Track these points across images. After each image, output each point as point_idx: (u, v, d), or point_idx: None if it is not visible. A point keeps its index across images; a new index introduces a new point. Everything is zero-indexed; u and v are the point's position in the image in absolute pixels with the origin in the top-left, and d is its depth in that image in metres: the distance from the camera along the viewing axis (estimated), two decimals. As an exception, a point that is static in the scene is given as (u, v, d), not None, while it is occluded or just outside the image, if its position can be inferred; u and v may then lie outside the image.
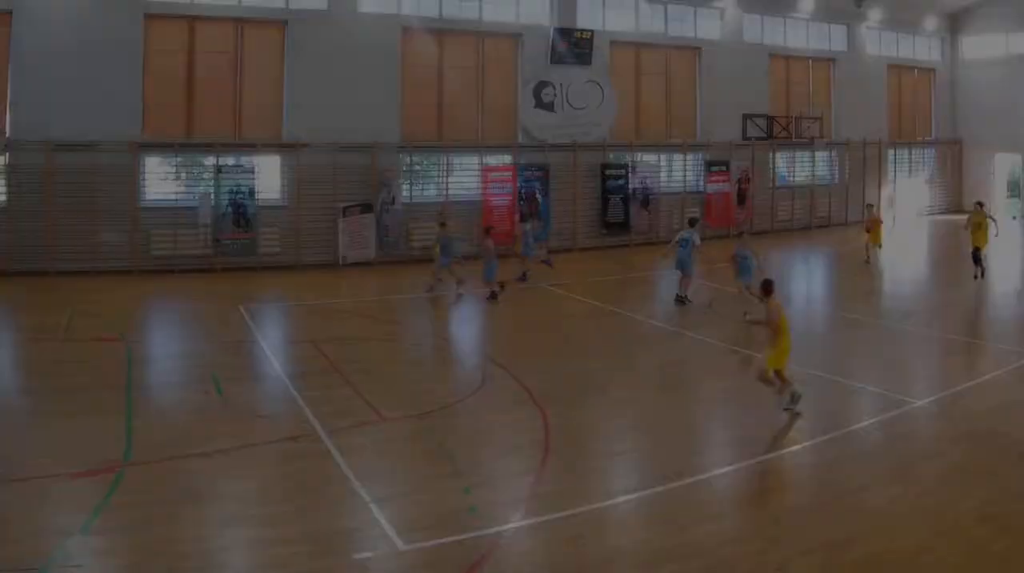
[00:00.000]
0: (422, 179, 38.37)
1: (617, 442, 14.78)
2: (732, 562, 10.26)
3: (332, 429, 14.70)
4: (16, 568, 9.77)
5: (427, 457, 13.79)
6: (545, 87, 39.40)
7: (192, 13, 33.40)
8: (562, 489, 12.41)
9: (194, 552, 10.41)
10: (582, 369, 19.20)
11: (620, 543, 10.94)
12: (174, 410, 16.10)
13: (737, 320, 22.74)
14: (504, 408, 16.32)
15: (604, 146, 40.72)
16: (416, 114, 37.17)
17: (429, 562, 10.37)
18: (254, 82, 34.68)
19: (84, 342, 20.64)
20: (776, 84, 46.36)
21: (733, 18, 44.57)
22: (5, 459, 13.00)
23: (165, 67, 33.19)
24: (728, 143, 43.81)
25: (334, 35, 35.08)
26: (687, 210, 42.19)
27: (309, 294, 28.55)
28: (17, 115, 30.83)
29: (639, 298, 29.14)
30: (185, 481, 12.50)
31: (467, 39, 38.42)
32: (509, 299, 26.58)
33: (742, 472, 13.17)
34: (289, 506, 11.72)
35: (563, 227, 39.59)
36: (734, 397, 17.23)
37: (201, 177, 34.61)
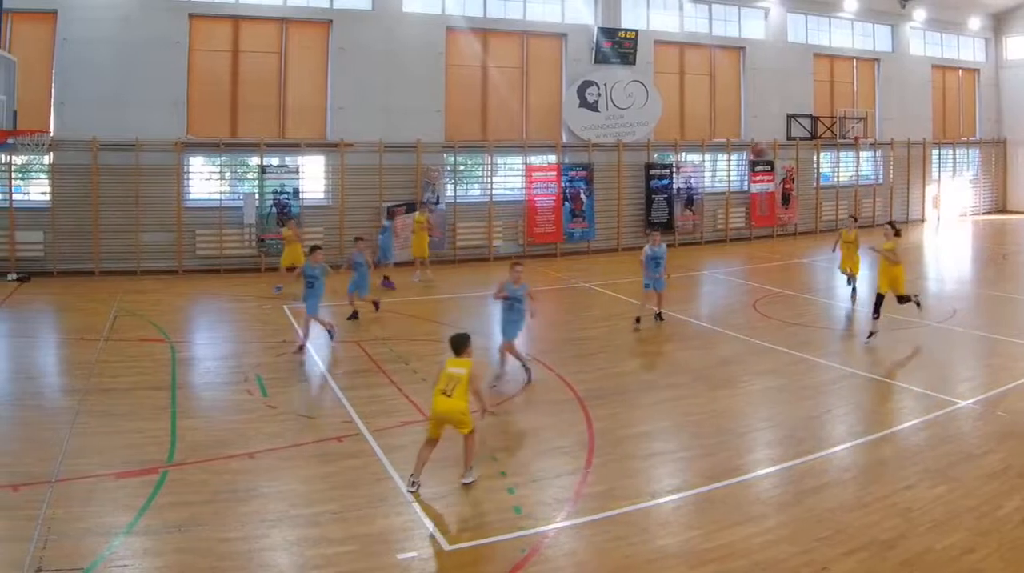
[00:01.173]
0: (466, 179, 37.37)
1: (661, 442, 14.23)
2: (775, 562, 9.93)
3: (376, 429, 14.35)
4: (62, 568, 9.54)
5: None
6: (589, 87, 38.14)
7: (237, 13, 32.51)
8: (606, 489, 12.04)
9: (238, 552, 10.18)
10: (627, 369, 18.76)
11: (663, 543, 10.49)
12: (218, 410, 15.75)
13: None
14: (548, 408, 15.90)
15: (648, 146, 39.42)
16: (460, 114, 36.20)
17: (473, 562, 10.14)
18: (298, 82, 33.71)
19: (129, 342, 20.00)
20: (820, 84, 44.81)
21: (777, 17, 43.02)
22: (50, 459, 12.69)
23: (210, 67, 32.37)
24: (772, 142, 42.39)
25: (378, 35, 34.15)
26: (732, 210, 41.37)
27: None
28: (62, 115, 30.03)
29: (683, 298, 27.36)
30: (229, 481, 12.20)
31: (511, 39, 37.28)
32: (551, 298, 25.37)
33: (786, 472, 12.71)
34: (333, 506, 11.40)
35: (607, 227, 38.39)
36: (778, 397, 16.69)
37: (245, 177, 33.70)
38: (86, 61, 30.04)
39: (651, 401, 16.31)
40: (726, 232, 41.20)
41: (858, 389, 17.03)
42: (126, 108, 30.36)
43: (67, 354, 20.39)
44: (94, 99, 30.01)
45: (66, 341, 21.58)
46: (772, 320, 23.29)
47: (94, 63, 30.10)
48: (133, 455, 12.90)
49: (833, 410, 15.73)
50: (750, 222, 41.91)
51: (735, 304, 25.89)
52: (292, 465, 12.95)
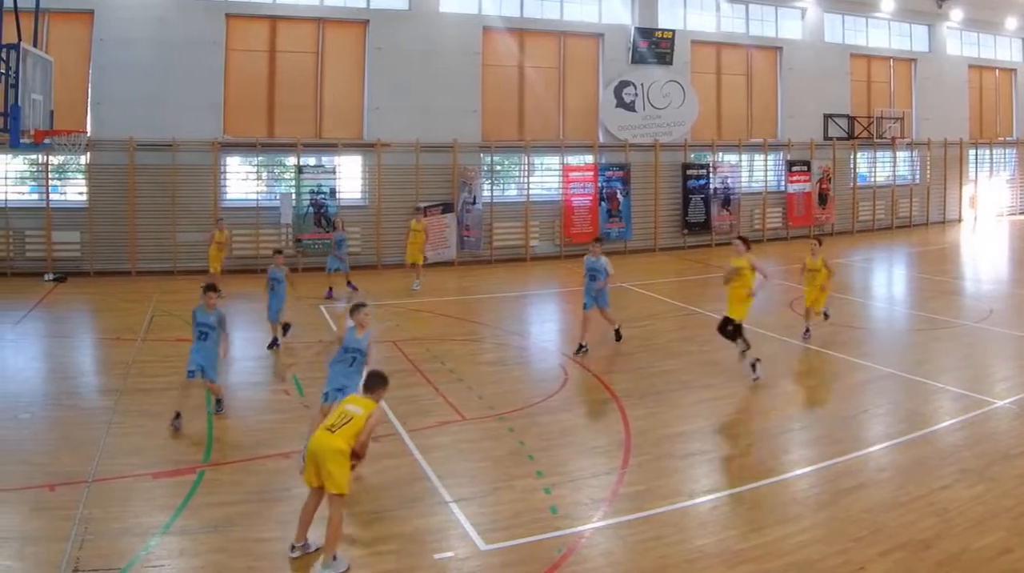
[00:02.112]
0: (503, 179, 36.17)
1: (697, 442, 13.86)
2: (812, 562, 9.74)
3: (413, 429, 14.02)
4: (98, 568, 9.39)
5: (508, 457, 13.06)
6: (626, 87, 36.83)
7: (274, 13, 31.57)
8: (643, 489, 11.81)
9: (274, 552, 9.99)
10: (663, 369, 18.10)
11: (700, 543, 10.27)
12: (255, 410, 15.46)
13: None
14: (585, 408, 15.74)
15: (685, 146, 38.07)
16: (497, 114, 35.02)
17: (510, 562, 9.87)
18: (335, 82, 32.74)
19: (165, 342, 19.41)
20: (857, 84, 43.13)
21: (814, 17, 41.44)
22: (87, 459, 12.45)
23: (247, 67, 31.47)
24: (809, 142, 40.90)
25: (415, 35, 33.10)
26: (769, 210, 39.98)
27: (390, 294, 26.72)
28: (98, 115, 29.25)
29: (720, 298, 26.11)
30: (265, 481, 12.03)
31: (548, 39, 36.04)
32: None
33: (822, 472, 12.43)
34: (370, 506, 11.21)
35: (644, 227, 37.13)
36: (814, 397, 16.46)
37: (282, 177, 32.72)
38: (123, 61, 29.24)
39: (688, 401, 15.87)
40: (763, 232, 39.80)
41: (894, 389, 16.58)
42: (163, 108, 29.56)
43: (104, 354, 19.88)
44: (131, 99, 29.21)
45: (103, 341, 21.02)
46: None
47: (131, 63, 29.29)
48: (170, 455, 12.71)
49: (869, 410, 15.33)
50: (787, 222, 40.56)
51: (771, 304, 24.55)
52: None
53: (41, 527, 10.34)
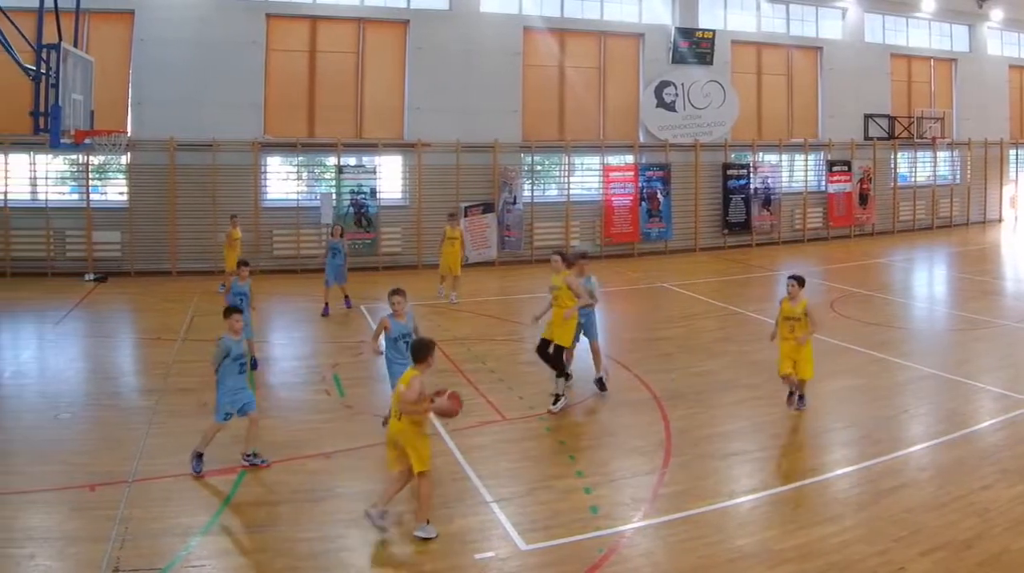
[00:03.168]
0: (543, 179, 34.64)
1: (738, 442, 13.33)
2: (852, 563, 9.37)
3: (454, 429, 13.44)
4: (139, 568, 9.11)
5: (548, 457, 12.78)
6: (667, 87, 35.10)
7: (314, 13, 30.23)
8: (683, 489, 11.42)
9: (316, 552, 9.72)
10: (704, 369, 17.54)
11: (740, 543, 9.91)
12: (295, 411, 14.94)
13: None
14: (626, 408, 15.01)
15: (725, 146, 36.30)
16: (537, 114, 33.43)
17: (550, 562, 9.56)
18: (375, 82, 31.28)
19: (206, 342, 18.19)
20: (898, 84, 41.05)
21: (855, 17, 39.44)
22: (128, 459, 12.13)
23: (287, 67, 30.15)
24: (850, 142, 39.00)
25: (456, 35, 31.66)
26: (810, 210, 38.10)
27: (430, 294, 25.45)
28: (139, 115, 28.05)
29: (761, 298, 25.96)
30: (306, 481, 11.68)
31: (589, 39, 34.38)
32: (628, 298, 23.19)
33: (863, 472, 11.96)
34: (410, 506, 10.64)
35: (684, 227, 35.45)
36: (855, 397, 15.68)
37: (322, 177, 31.38)
38: (163, 61, 28.03)
39: (729, 401, 15.37)
40: (803, 232, 38.01)
41: (935, 389, 16.03)
42: (203, 108, 28.33)
43: (144, 354, 19.29)
44: (171, 99, 28.03)
45: (143, 341, 20.37)
46: (849, 320, 21.74)
47: (171, 63, 28.08)
48: (211, 455, 12.03)
49: (910, 410, 14.87)
50: (827, 222, 38.67)
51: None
52: (369, 465, 12.22)
53: (82, 527, 10.02)
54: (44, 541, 9.72)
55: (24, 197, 27.90)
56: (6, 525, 10.08)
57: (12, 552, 9.43)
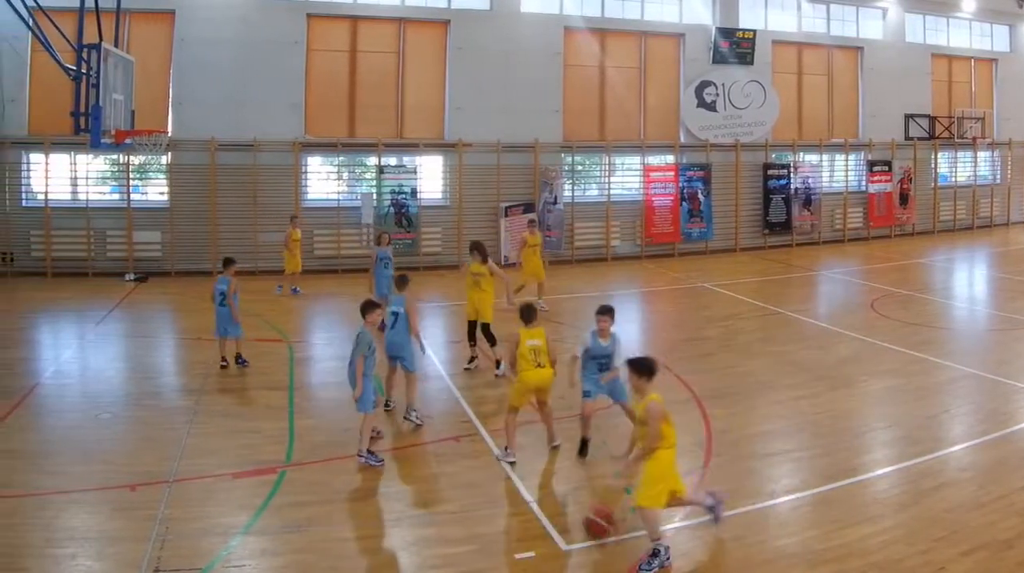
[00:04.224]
0: (584, 179, 32.84)
1: (778, 442, 12.81)
2: (893, 562, 8.99)
3: (494, 429, 12.98)
4: (179, 568, 8.79)
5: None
6: (707, 87, 33.26)
7: (355, 13, 28.70)
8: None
9: (356, 552, 9.46)
10: (744, 369, 16.76)
11: (781, 543, 9.55)
12: (336, 411, 13.94)
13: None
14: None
15: (766, 146, 34.35)
16: (578, 114, 31.70)
17: (590, 562, 9.27)
18: (416, 82, 29.70)
19: (246, 342, 17.43)
20: (938, 84, 38.78)
21: (895, 17, 37.26)
22: (168, 459, 11.71)
23: (328, 67, 28.66)
24: (890, 142, 36.89)
25: (496, 34, 30.00)
26: (850, 210, 36.08)
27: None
28: (179, 115, 26.72)
29: (802, 298, 25.22)
30: (347, 481, 11.28)
31: (629, 39, 32.55)
32: (669, 298, 22.06)
33: (903, 472, 11.49)
34: (451, 506, 10.53)
35: (725, 227, 33.64)
36: (896, 397, 14.99)
37: (363, 177, 29.80)
38: (204, 61, 26.66)
39: (769, 401, 14.78)
40: (844, 232, 35.97)
41: (976, 389, 15.30)
42: (244, 108, 26.93)
43: (184, 354, 18.44)
44: (212, 99, 26.69)
45: (183, 341, 19.41)
46: (890, 320, 20.84)
47: (212, 63, 26.72)
48: (251, 455, 11.89)
49: (951, 410, 14.24)
50: (868, 222, 36.58)
51: (853, 304, 23.59)
52: (410, 465, 12.00)
53: (122, 527, 9.68)
54: (85, 541, 9.36)
55: (65, 197, 26.65)
56: (48, 525, 9.72)
57: (54, 552, 9.08)
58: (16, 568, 8.77)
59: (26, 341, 19.38)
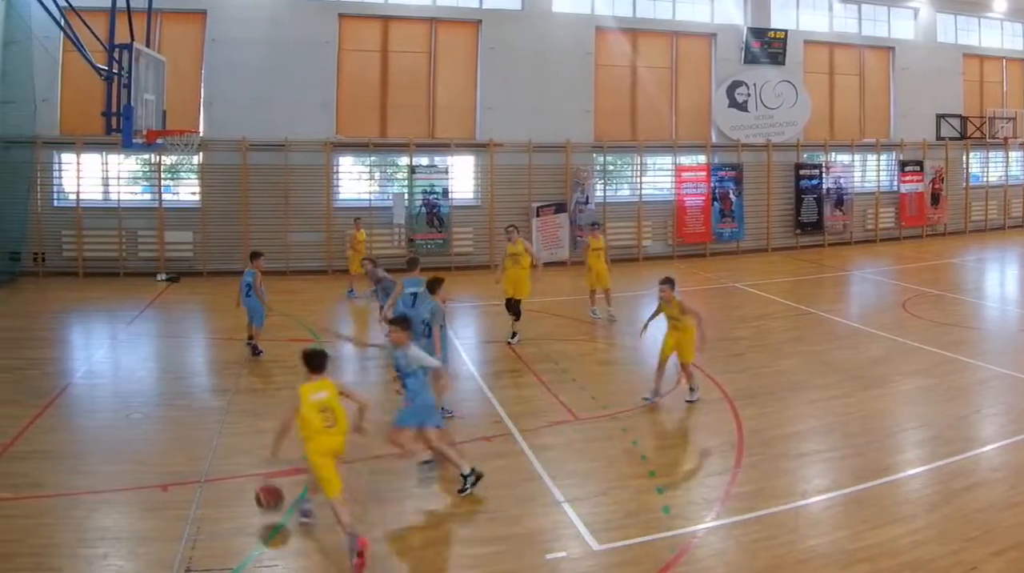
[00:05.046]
0: (615, 179, 31.29)
1: (810, 442, 12.32)
2: (925, 562, 8.56)
3: (526, 429, 12.60)
4: (211, 568, 8.45)
5: (620, 457, 11.69)
6: (739, 87, 31.72)
7: (386, 13, 27.38)
8: (755, 489, 10.51)
9: (388, 552, 8.98)
10: (776, 369, 16.10)
11: (813, 543, 9.12)
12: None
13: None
14: (698, 408, 13.82)
15: (798, 146, 32.70)
16: (609, 114, 30.18)
17: (623, 562, 8.78)
18: (447, 82, 28.37)
19: (278, 342, 17.23)
20: (970, 84, 36.93)
21: (927, 17, 35.47)
22: (199, 459, 11.30)
23: (359, 67, 27.37)
24: (922, 142, 35.18)
25: (528, 34, 28.55)
26: (882, 210, 34.44)
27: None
28: (211, 115, 25.57)
29: (833, 298, 24.28)
30: (379, 481, 10.82)
31: (660, 39, 31.01)
32: (700, 298, 21.23)
33: (935, 472, 11.03)
34: (484, 506, 10.09)
35: (756, 227, 32.11)
36: (927, 397, 14.41)
37: (394, 177, 28.39)
38: (235, 61, 25.50)
39: (801, 401, 14.17)
40: (875, 232, 34.23)
41: (1008, 389, 14.62)
42: (275, 108, 25.71)
43: (216, 354, 17.71)
44: (243, 99, 25.49)
45: (215, 341, 18.64)
46: (922, 320, 20.04)
47: (243, 63, 25.54)
48: (282, 455, 10.50)
49: (983, 410, 13.66)
50: (899, 222, 34.83)
51: (884, 304, 22.75)
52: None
53: (154, 527, 9.35)
54: (116, 541, 9.02)
55: (96, 197, 25.52)
56: (79, 525, 9.32)
57: (85, 552, 8.73)
58: (48, 568, 8.41)
59: (57, 341, 18.63)
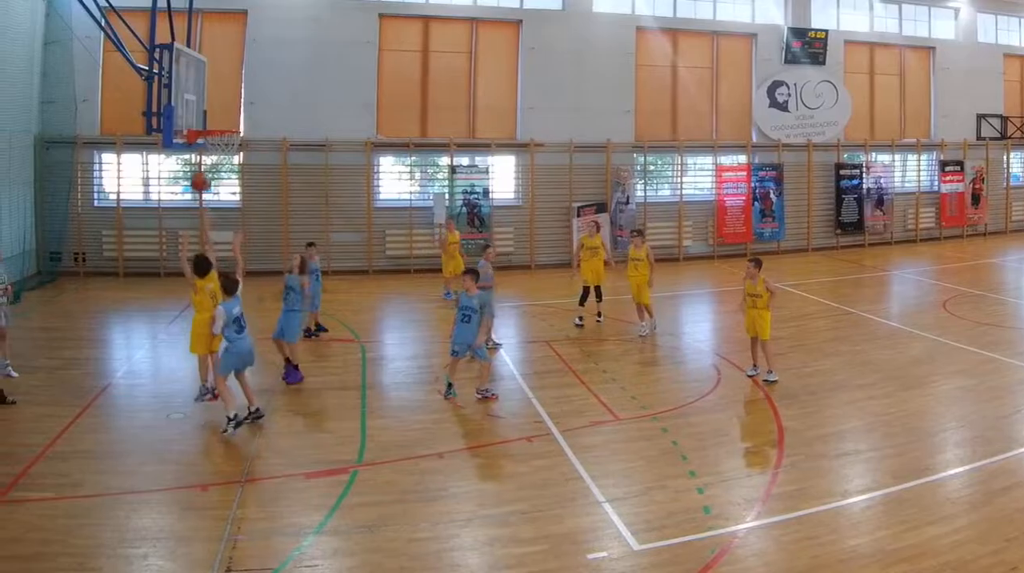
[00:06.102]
0: (656, 179, 29.44)
1: (851, 442, 11.59)
2: (965, 563, 8.06)
3: (566, 429, 11.96)
4: (251, 568, 8.02)
5: (661, 457, 10.97)
6: (779, 87, 29.70)
7: (427, 13, 25.69)
8: (796, 489, 9.89)
9: (428, 552, 8.43)
10: (817, 369, 15.24)
11: (853, 543, 8.49)
12: (408, 411, 13.08)
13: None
14: (738, 408, 13.30)
15: (838, 145, 30.60)
16: (650, 114, 28.23)
17: (663, 562, 8.23)
18: (488, 82, 26.58)
19: (319, 342, 16.77)
20: (1010, 84, 34.51)
21: (967, 17, 33.20)
22: (240, 459, 10.77)
23: (400, 67, 25.66)
24: (962, 142, 33.00)
25: (568, 34, 26.74)
26: (922, 210, 32.24)
27: (543, 294, 22.02)
28: (252, 115, 24.03)
29: (873, 298, 22.97)
30: (419, 481, 10.21)
31: (701, 39, 29.06)
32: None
33: (975, 472, 10.34)
34: (523, 506, 9.48)
35: (797, 227, 30.09)
36: (968, 397, 13.60)
37: (435, 177, 26.66)
38: (276, 61, 23.94)
39: (841, 401, 13.43)
40: (916, 232, 32.05)
41: None
42: (316, 108, 24.16)
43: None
44: (284, 99, 23.97)
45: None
46: (962, 320, 19.06)
47: (284, 63, 23.99)
48: (322, 455, 10.99)
49: (1023, 410, 12.87)
50: (940, 222, 32.68)
51: (925, 304, 21.75)
52: (482, 465, 10.93)
53: (193, 527, 8.88)
54: (157, 541, 8.61)
55: (137, 197, 24.04)
56: (119, 525, 8.89)
57: (126, 552, 8.35)
58: (89, 568, 7.99)
59: (98, 341, 17.68)
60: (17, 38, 21.28)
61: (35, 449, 10.83)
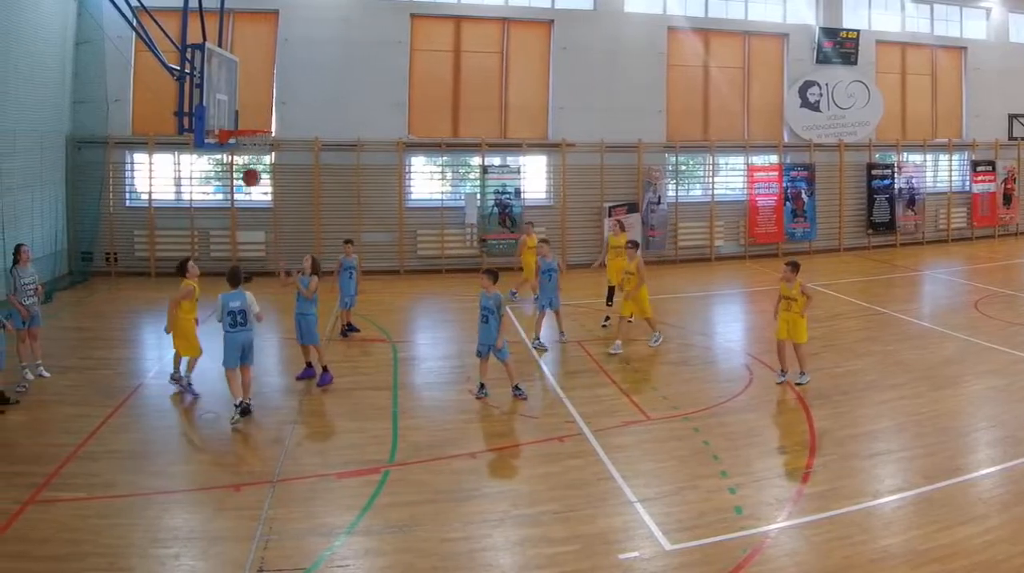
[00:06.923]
0: (688, 179, 28.13)
1: (882, 442, 10.94)
2: (997, 563, 7.71)
3: (598, 429, 11.37)
4: (283, 568, 7.71)
5: (692, 457, 10.41)
6: (811, 87, 28.19)
7: (459, 13, 24.47)
8: (827, 489, 9.33)
9: (460, 552, 8.12)
10: (848, 369, 14.53)
11: (885, 543, 8.10)
12: (440, 411, 12.54)
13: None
14: (770, 408, 12.58)
15: (870, 145, 29.04)
16: (681, 114, 26.87)
17: (695, 562, 7.86)
18: (520, 81, 25.29)
19: (350, 342, 16.17)
20: None
21: (999, 17, 31.47)
22: (272, 460, 10.26)
23: (431, 67, 24.45)
24: (994, 142, 31.38)
25: (600, 34, 25.42)
26: (954, 210, 30.61)
27: (576, 293, 20.69)
28: (283, 115, 22.90)
29: (905, 298, 22.02)
30: (450, 481, 9.70)
31: (733, 39, 27.60)
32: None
33: (1007, 472, 9.70)
34: (555, 506, 9.02)
35: (828, 227, 28.59)
36: (1000, 397, 12.87)
37: (467, 177, 25.38)
38: (307, 61, 22.81)
39: (873, 401, 12.76)
40: (947, 232, 30.46)
41: None
42: (347, 108, 22.99)
43: (287, 355, 15.74)
44: (315, 99, 22.82)
45: (287, 341, 16.37)
46: (994, 320, 18.20)
47: (315, 63, 22.85)
48: (354, 455, 10.52)
49: None
50: (971, 222, 31.07)
51: (956, 304, 20.66)
52: (514, 465, 10.52)
53: (226, 527, 8.51)
54: (189, 541, 8.24)
55: (169, 197, 22.98)
56: (151, 525, 8.55)
57: (158, 552, 8.01)
58: (121, 567, 7.75)
59: (129, 341, 17.10)
60: (49, 38, 20.30)
61: (67, 449, 10.44)
